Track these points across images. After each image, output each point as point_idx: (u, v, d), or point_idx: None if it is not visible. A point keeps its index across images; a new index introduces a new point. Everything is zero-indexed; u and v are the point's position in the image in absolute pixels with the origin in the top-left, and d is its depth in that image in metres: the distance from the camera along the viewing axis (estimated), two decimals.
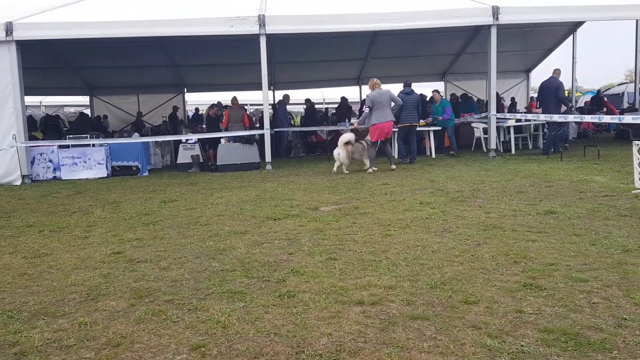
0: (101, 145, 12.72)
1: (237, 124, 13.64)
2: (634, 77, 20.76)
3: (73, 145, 12.60)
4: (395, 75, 19.39)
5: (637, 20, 17.59)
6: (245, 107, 22.44)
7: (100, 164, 12.56)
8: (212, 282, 4.32)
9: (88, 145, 12.64)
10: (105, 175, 12.49)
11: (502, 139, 14.48)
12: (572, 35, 19.26)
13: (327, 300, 3.81)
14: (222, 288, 4.16)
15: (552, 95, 12.88)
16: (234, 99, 14.53)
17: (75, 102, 28.34)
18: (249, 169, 12.66)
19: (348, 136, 11.46)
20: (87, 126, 17.14)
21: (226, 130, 13.57)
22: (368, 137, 11.61)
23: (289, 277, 4.35)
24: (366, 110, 11.47)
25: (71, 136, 13.27)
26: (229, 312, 3.66)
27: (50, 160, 12.45)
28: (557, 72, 13.22)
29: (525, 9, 12.77)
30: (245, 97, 26.08)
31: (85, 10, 13.49)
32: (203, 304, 3.84)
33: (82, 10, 13.57)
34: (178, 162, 13.80)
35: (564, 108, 13.44)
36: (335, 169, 11.45)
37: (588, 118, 12.13)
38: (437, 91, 14.69)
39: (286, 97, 17.33)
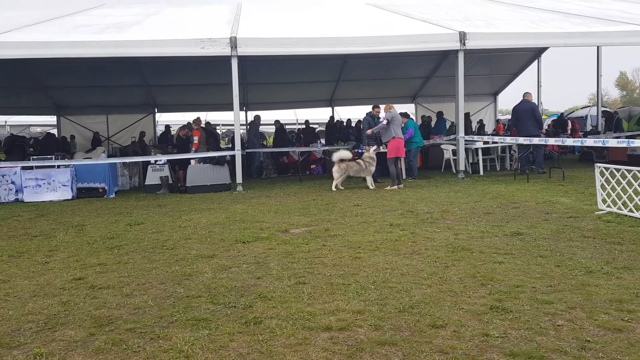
0: (66, 166, 12.46)
1: (204, 145, 13.55)
2: (596, 100, 21.37)
3: (37, 167, 12.32)
4: (367, 97, 19.57)
5: (597, 47, 18.18)
6: (216, 128, 22.40)
7: (65, 185, 12.27)
8: (176, 309, 4.23)
9: (53, 166, 12.38)
10: (70, 197, 12.20)
11: (470, 161, 14.68)
12: (537, 60, 19.85)
13: (295, 327, 3.75)
14: (186, 315, 4.07)
15: (528, 117, 13.20)
16: (199, 120, 14.36)
17: (41, 122, 27.86)
18: (220, 190, 12.53)
19: (342, 153, 11.87)
20: (53, 147, 16.79)
21: (197, 151, 13.44)
22: (368, 155, 11.93)
23: (256, 303, 4.28)
24: (384, 122, 11.95)
25: (35, 157, 12.98)
26: (193, 340, 3.57)
27: (12, 182, 12.13)
28: (528, 95, 13.63)
29: (491, 35, 13.08)
30: (217, 117, 26.07)
31: (55, 30, 13.39)
32: (166, 332, 3.74)
33: (52, 29, 13.46)
34: (146, 183, 13.57)
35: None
36: (334, 187, 11.73)
37: (552, 141, 12.38)
38: (404, 114, 14.63)
39: (257, 117, 17.34)
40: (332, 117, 21.13)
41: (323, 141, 19.24)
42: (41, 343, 3.67)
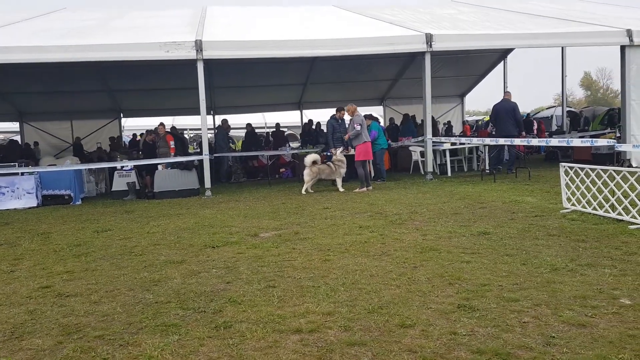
0: (30, 173, 12.18)
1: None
2: (561, 100, 21.89)
3: (0, 174, 12.01)
4: (335, 100, 19.62)
5: (562, 48, 18.63)
6: (183, 133, 22.21)
7: (29, 193, 12.00)
8: (145, 315, 4.18)
9: (16, 173, 12.09)
10: (35, 205, 11.94)
11: (438, 162, 14.87)
12: (502, 62, 20.22)
13: (265, 330, 3.75)
14: (155, 321, 4.03)
15: (509, 116, 13.42)
16: (163, 125, 14.22)
17: (3, 129, 27.20)
18: (188, 195, 12.42)
19: (313, 157, 11.95)
20: (17, 154, 16.41)
21: (175, 155, 13.28)
22: (336, 157, 12.02)
23: (226, 307, 4.26)
24: (357, 127, 11.95)
25: None
26: (162, 346, 3.53)
27: None
28: (508, 94, 13.90)
29: (457, 37, 13.28)
30: (185, 122, 25.84)
31: (15, 34, 13.09)
32: (135, 339, 3.69)
33: (12, 34, 13.16)
34: (113, 189, 13.36)
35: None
36: (304, 191, 11.73)
37: (517, 141, 12.63)
38: (368, 116, 14.65)
39: (225, 121, 17.23)
40: (310, 120, 20.95)
41: (292, 145, 19.25)
42: (8, 352, 3.59)
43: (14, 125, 22.65)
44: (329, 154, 13.35)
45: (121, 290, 4.91)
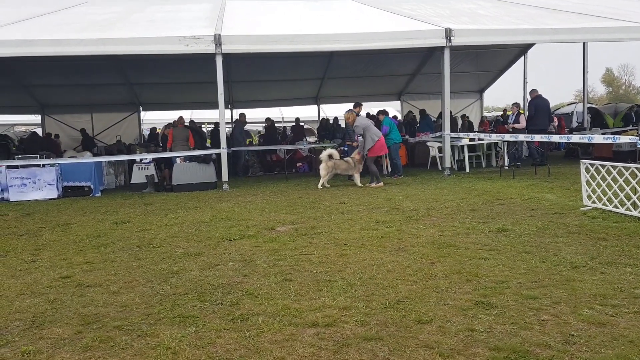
0: (52, 165, 12.35)
1: (181, 143, 13.46)
2: (582, 97, 21.59)
3: (22, 166, 12.20)
4: (353, 95, 19.60)
5: (584, 43, 18.34)
6: (201, 127, 22.32)
7: (50, 184, 12.16)
8: (163, 306, 4.22)
9: (38, 165, 12.26)
10: (56, 197, 12.10)
11: (456, 158, 14.77)
12: (523, 57, 19.98)
13: (281, 323, 3.76)
14: (173, 312, 4.06)
15: (547, 112, 14.12)
16: (180, 119, 14.37)
17: (26, 121, 27.57)
18: (206, 188, 12.50)
19: (330, 151, 11.95)
20: (38, 146, 16.62)
21: (170, 150, 13.39)
22: (354, 155, 11.96)
23: (243, 300, 4.28)
24: (360, 139, 11.95)
25: (20, 156, 12.84)
26: (180, 337, 3.56)
27: None
28: (536, 92, 14.33)
29: (477, 32, 13.14)
30: (202, 115, 25.97)
31: (36, 28, 13.23)
32: (153, 330, 3.73)
33: (33, 27, 13.30)
34: (132, 182, 13.49)
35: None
36: (320, 185, 11.74)
37: (538, 137, 12.48)
38: (381, 111, 14.58)
39: (242, 116, 17.28)
40: (335, 118, 20.89)
41: (309, 139, 19.26)
42: (29, 341, 3.65)
43: (36, 118, 22.94)
44: (345, 148, 13.32)
45: (140, 281, 4.96)
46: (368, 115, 16.28)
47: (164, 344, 3.47)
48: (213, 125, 28.73)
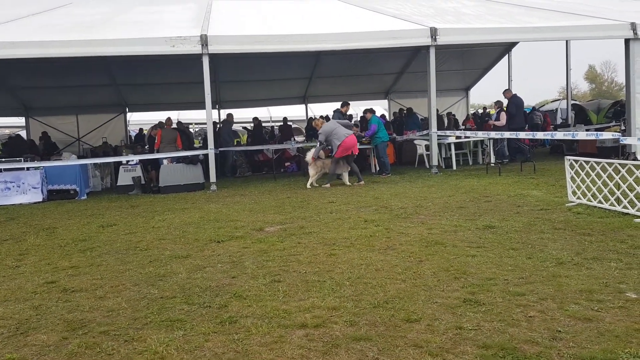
0: (36, 168, 12.21)
1: (169, 145, 13.41)
2: (566, 94, 21.78)
3: (5, 169, 12.05)
4: (340, 94, 19.63)
5: (566, 41, 18.51)
6: (188, 127, 22.23)
7: (35, 188, 12.03)
8: (150, 310, 4.19)
9: (22, 168, 12.12)
10: (41, 200, 11.97)
11: (443, 156, 14.83)
12: (507, 55, 20.13)
13: (270, 325, 3.75)
14: (161, 316, 4.03)
15: (522, 110, 14.69)
16: (168, 120, 14.34)
17: (9, 123, 27.30)
18: (193, 189, 12.43)
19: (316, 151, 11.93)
20: (22, 149, 16.46)
21: (158, 151, 13.33)
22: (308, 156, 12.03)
23: (231, 302, 4.26)
24: (317, 144, 12.01)
25: (3, 159, 12.69)
26: (168, 341, 3.54)
27: None
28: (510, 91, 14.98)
29: (462, 30, 13.21)
30: (190, 116, 25.87)
31: (21, 30, 13.09)
32: (140, 334, 3.70)
33: (18, 29, 13.16)
34: (118, 184, 13.37)
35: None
36: (309, 184, 11.74)
37: (522, 135, 12.57)
38: (368, 110, 14.57)
39: (230, 116, 17.23)
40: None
41: (297, 139, 19.25)
42: (13, 348, 3.60)
43: (20, 120, 22.70)
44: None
45: (126, 285, 4.92)
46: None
47: (152, 348, 3.44)
48: (199, 127, 28.74)
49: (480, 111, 24.01)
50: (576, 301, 3.89)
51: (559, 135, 12.56)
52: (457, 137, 14.60)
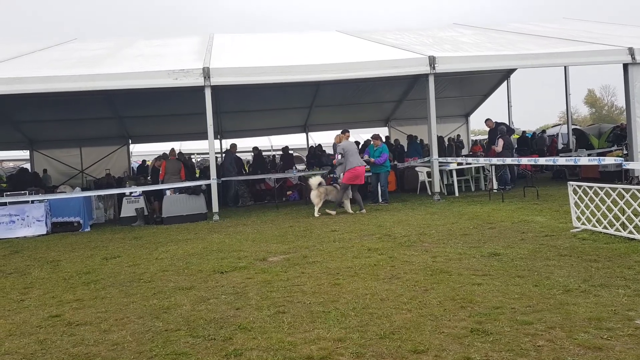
0: (40, 201, 12.24)
1: (174, 176, 13.46)
2: (566, 118, 21.89)
3: (10, 202, 12.08)
4: (341, 122, 19.75)
5: (564, 67, 18.68)
6: (191, 158, 22.34)
7: (39, 220, 12.04)
8: (155, 343, 4.16)
9: (27, 201, 12.15)
10: (45, 233, 11.98)
11: (445, 182, 14.83)
12: (506, 81, 20.30)
13: (276, 357, 3.72)
14: (165, 349, 4.00)
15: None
16: (172, 151, 14.45)
17: (14, 157, 27.47)
18: (196, 220, 12.44)
19: (318, 179, 12.01)
20: (27, 182, 16.50)
21: (162, 182, 13.38)
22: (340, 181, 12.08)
23: (236, 334, 4.23)
24: (339, 157, 12.06)
25: (8, 193, 12.74)
26: None
27: None
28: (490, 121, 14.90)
29: (460, 59, 13.36)
30: (192, 146, 26.00)
31: (26, 65, 13.28)
32: None
33: (23, 64, 13.35)
34: (122, 215, 13.38)
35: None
36: (316, 213, 11.73)
37: (525, 160, 12.60)
38: (375, 136, 14.47)
39: (233, 146, 17.29)
40: (319, 145, 21.12)
41: (298, 167, 19.31)
42: None
43: (24, 154, 22.85)
44: (334, 175, 13.35)
45: (131, 318, 4.89)
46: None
47: None
48: (202, 157, 28.85)
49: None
50: (585, 329, 3.86)
51: (561, 160, 12.57)
52: (459, 164, 14.62)
